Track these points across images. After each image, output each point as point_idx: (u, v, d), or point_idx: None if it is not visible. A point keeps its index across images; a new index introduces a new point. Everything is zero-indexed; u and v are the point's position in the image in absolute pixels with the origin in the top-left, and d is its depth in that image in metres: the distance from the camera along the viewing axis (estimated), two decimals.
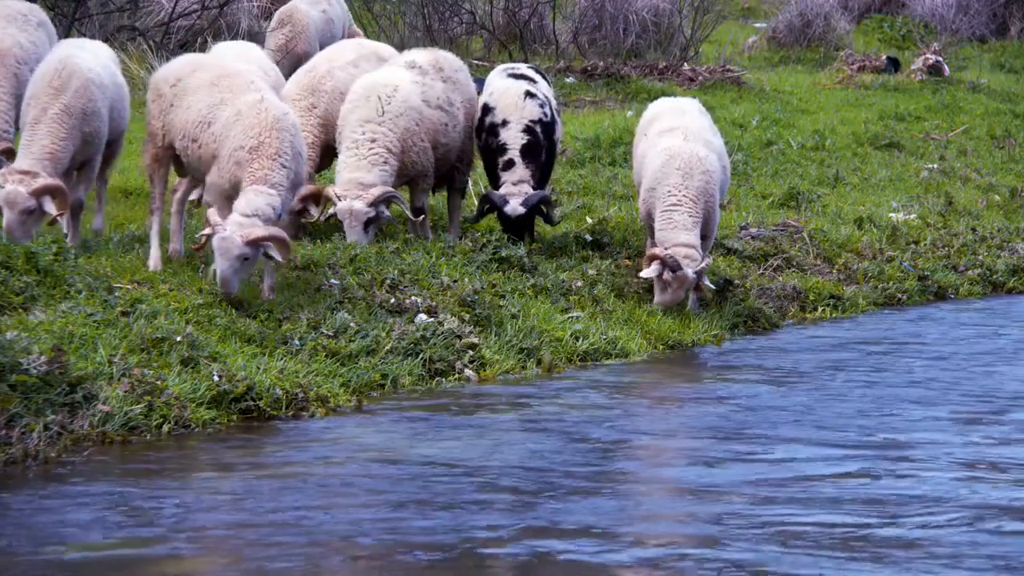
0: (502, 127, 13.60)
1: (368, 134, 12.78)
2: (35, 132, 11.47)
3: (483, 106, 13.82)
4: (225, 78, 11.43)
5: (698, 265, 12.39)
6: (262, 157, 10.87)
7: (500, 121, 13.63)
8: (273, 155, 10.88)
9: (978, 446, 9.29)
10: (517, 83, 13.91)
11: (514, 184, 13.44)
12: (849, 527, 7.60)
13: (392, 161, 12.80)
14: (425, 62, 13.46)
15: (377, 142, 12.77)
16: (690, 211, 12.53)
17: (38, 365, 8.76)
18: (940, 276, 15.00)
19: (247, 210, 10.67)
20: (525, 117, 13.63)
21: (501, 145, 13.55)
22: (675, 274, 12.33)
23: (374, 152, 12.72)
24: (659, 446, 9.40)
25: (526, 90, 13.79)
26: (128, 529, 7.41)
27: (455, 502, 7.91)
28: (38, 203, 11.15)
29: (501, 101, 13.73)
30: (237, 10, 22.22)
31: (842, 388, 10.90)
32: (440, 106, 13.25)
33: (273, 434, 9.30)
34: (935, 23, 31.03)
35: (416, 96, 13.11)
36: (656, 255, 12.36)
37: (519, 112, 13.64)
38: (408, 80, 13.18)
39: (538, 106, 13.74)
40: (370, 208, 12.49)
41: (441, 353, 10.86)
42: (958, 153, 20.66)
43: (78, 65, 11.71)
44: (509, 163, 13.53)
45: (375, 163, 12.69)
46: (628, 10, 25.01)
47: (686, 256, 12.36)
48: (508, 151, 13.53)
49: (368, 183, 12.56)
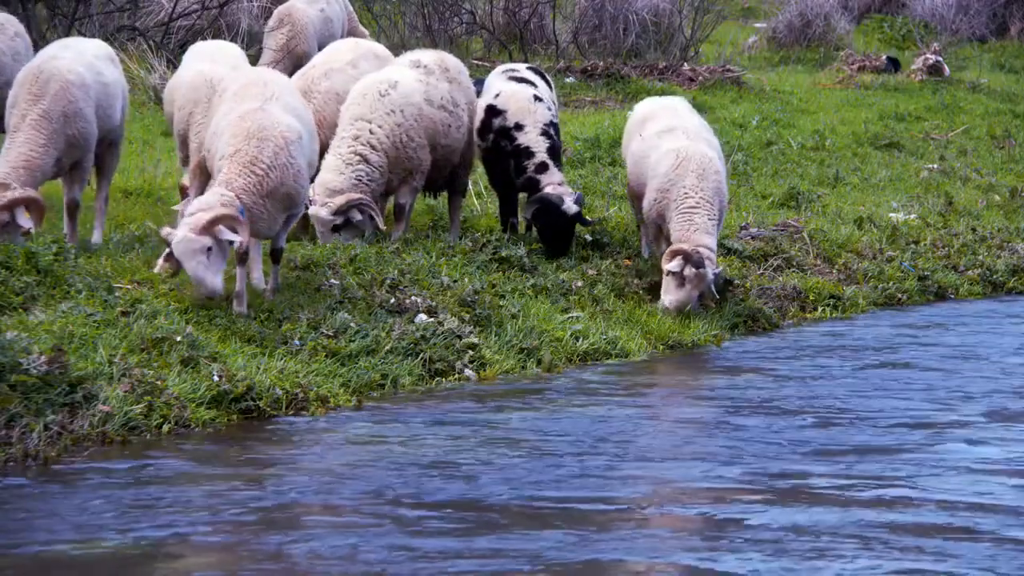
0: (517, 131, 13.58)
1: (353, 131, 12.74)
2: (14, 139, 11.37)
3: (489, 107, 13.77)
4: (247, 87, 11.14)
5: (717, 269, 12.49)
6: (233, 162, 10.60)
7: (513, 124, 13.60)
8: (247, 162, 10.56)
9: (986, 446, 9.29)
10: (522, 87, 13.89)
11: (558, 185, 13.45)
12: (848, 527, 7.61)
13: (374, 159, 12.72)
14: (431, 62, 13.45)
15: (360, 139, 12.72)
16: (708, 212, 12.62)
17: (38, 365, 8.76)
18: (940, 276, 15.00)
19: (193, 208, 10.41)
20: (539, 121, 13.64)
21: (525, 148, 13.53)
22: (697, 271, 12.38)
23: (352, 150, 12.65)
24: (659, 446, 9.40)
25: (534, 94, 13.80)
26: (128, 529, 7.41)
27: (455, 502, 7.92)
28: (11, 216, 11.00)
29: (511, 104, 13.70)
30: (237, 10, 22.22)
31: (841, 388, 10.90)
32: (444, 106, 13.23)
33: (273, 434, 9.29)
34: (935, 23, 31.02)
35: (418, 94, 13.08)
36: (681, 250, 12.38)
37: (532, 116, 13.64)
38: (412, 78, 13.16)
39: (546, 109, 13.77)
40: (334, 216, 12.44)
41: (441, 353, 10.86)
42: (958, 153, 20.66)
43: (57, 68, 11.59)
44: (543, 166, 13.52)
45: (349, 163, 12.60)
46: (628, 10, 25.00)
47: (708, 258, 12.43)
48: (536, 154, 13.53)
49: (336, 188, 12.49)
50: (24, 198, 11.06)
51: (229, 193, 10.41)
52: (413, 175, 13.05)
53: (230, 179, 10.52)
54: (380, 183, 12.84)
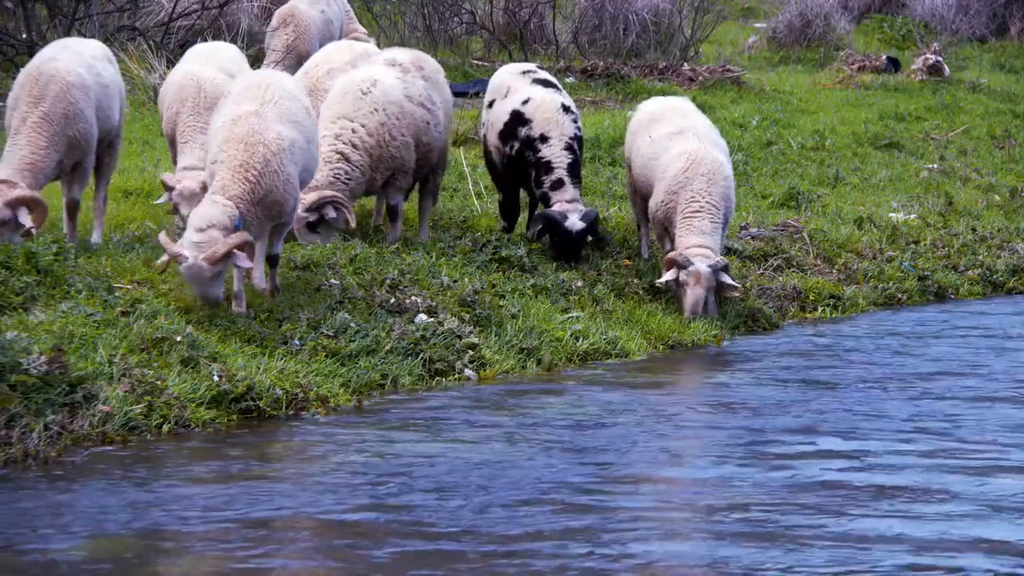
0: (541, 142, 13.45)
1: (335, 129, 12.68)
2: (15, 142, 11.36)
3: (515, 113, 13.64)
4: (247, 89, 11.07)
5: (711, 260, 12.45)
6: (224, 167, 10.56)
7: (538, 136, 13.48)
8: (237, 167, 10.53)
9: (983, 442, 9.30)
10: (549, 93, 13.76)
11: (568, 202, 13.36)
12: (850, 527, 7.61)
13: (354, 157, 12.67)
14: (406, 60, 13.39)
15: (341, 137, 12.66)
16: (712, 217, 12.66)
17: (38, 365, 8.77)
18: (940, 276, 15.00)
19: (201, 223, 10.32)
20: (565, 134, 13.51)
21: (545, 162, 13.42)
22: (687, 270, 12.39)
23: (332, 148, 12.56)
24: (659, 446, 9.40)
25: (562, 103, 13.68)
26: (128, 529, 7.41)
27: (455, 502, 7.92)
28: (13, 214, 11.03)
29: (538, 114, 13.56)
30: (237, 10, 22.21)
31: (841, 388, 10.90)
32: (422, 103, 13.14)
33: (273, 434, 9.29)
34: (935, 23, 31.00)
35: (398, 91, 12.99)
36: (670, 259, 12.49)
37: (559, 128, 13.51)
38: (391, 76, 13.09)
39: (572, 121, 13.62)
40: (307, 213, 12.40)
41: (441, 353, 10.86)
42: (958, 153, 20.65)
43: (56, 70, 11.57)
44: (559, 183, 13.40)
45: (328, 160, 12.49)
46: (628, 10, 24.98)
47: (698, 255, 12.42)
48: (555, 170, 13.42)
49: (311, 185, 12.38)
50: (29, 197, 11.09)
51: (229, 203, 10.41)
52: (397, 175, 12.96)
53: (226, 186, 10.50)
54: (360, 182, 12.74)
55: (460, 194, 15.63)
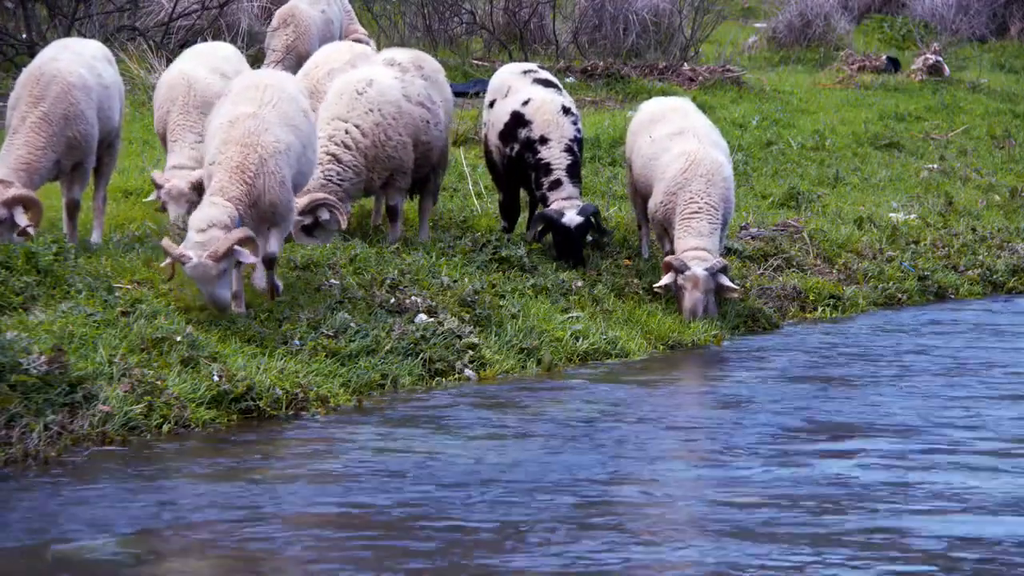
0: (541, 144, 13.45)
1: (329, 130, 12.65)
2: (13, 141, 11.35)
3: (515, 114, 13.64)
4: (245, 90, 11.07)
5: (708, 264, 12.45)
6: (222, 169, 10.55)
7: (538, 137, 13.47)
8: (234, 169, 10.52)
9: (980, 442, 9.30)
10: (550, 94, 13.75)
11: (565, 199, 13.34)
12: (850, 526, 7.61)
13: (346, 158, 12.64)
14: (405, 60, 13.38)
15: (333, 139, 12.63)
16: (710, 218, 12.66)
17: (38, 365, 8.77)
18: (940, 276, 15.00)
19: (202, 224, 10.31)
20: (565, 136, 13.50)
21: (545, 164, 13.41)
22: (684, 274, 12.41)
23: (324, 150, 12.49)
24: (659, 446, 9.40)
25: (562, 105, 13.68)
26: (128, 529, 7.41)
27: (455, 503, 7.92)
28: (9, 213, 11.01)
29: (538, 116, 13.55)
30: (237, 10, 22.21)
31: (842, 387, 10.90)
32: (422, 103, 13.11)
33: (273, 434, 9.29)
34: (935, 23, 31.01)
35: (396, 90, 12.97)
36: (667, 264, 12.49)
37: (559, 131, 13.50)
38: (388, 75, 13.07)
39: (572, 123, 13.62)
40: (301, 216, 12.37)
41: (441, 353, 10.86)
42: (958, 153, 20.65)
43: (58, 70, 11.55)
44: (556, 183, 13.40)
45: (319, 163, 12.43)
46: (628, 10, 24.99)
47: (694, 258, 12.42)
48: (554, 171, 13.41)
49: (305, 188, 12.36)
50: (24, 197, 11.08)
51: (229, 204, 10.41)
52: (395, 176, 12.94)
53: (224, 187, 10.50)
54: (354, 183, 12.71)
55: (460, 194, 15.64)
